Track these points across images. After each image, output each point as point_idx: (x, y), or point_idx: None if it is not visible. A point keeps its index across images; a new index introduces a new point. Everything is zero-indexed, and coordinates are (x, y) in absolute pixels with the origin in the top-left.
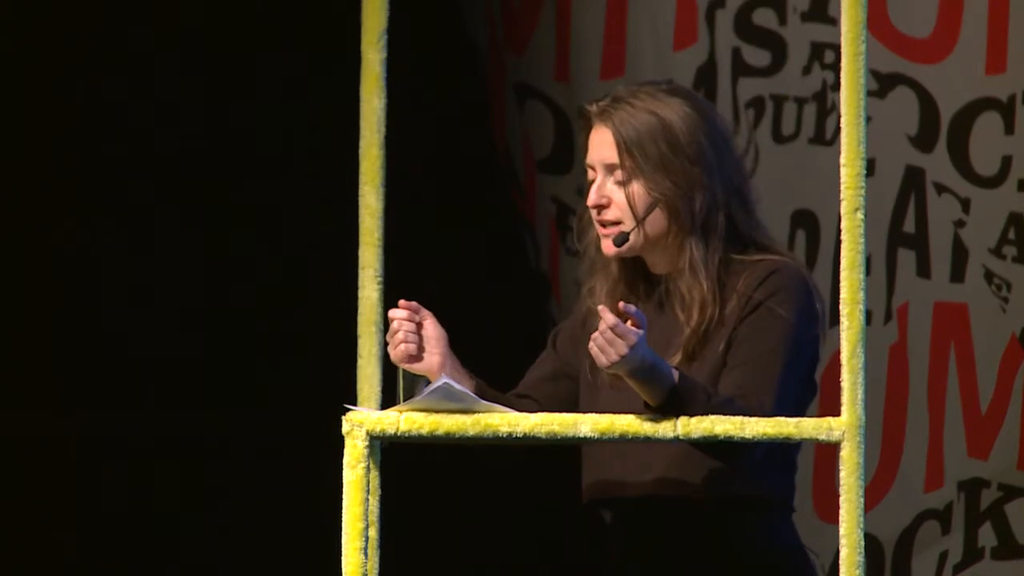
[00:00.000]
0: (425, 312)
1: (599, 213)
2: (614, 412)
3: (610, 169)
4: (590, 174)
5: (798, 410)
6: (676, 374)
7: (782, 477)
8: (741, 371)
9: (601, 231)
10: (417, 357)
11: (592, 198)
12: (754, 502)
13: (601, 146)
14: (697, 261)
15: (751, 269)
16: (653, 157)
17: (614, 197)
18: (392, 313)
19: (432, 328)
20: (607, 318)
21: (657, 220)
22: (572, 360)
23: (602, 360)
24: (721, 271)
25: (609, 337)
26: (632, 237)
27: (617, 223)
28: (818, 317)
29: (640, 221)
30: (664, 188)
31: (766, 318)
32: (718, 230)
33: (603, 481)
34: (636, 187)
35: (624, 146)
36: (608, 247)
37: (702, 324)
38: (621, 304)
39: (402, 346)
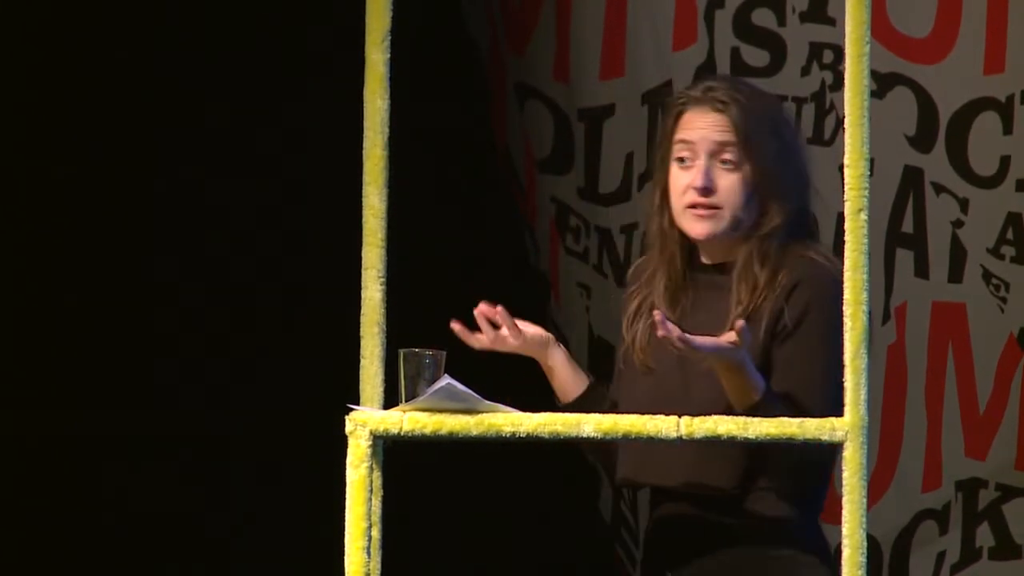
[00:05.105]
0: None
1: (703, 195)
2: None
3: (717, 152)
4: (681, 154)
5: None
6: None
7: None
8: (795, 385)
9: (694, 213)
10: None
11: (699, 180)
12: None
13: (710, 127)
14: (774, 250)
15: (796, 264)
16: (771, 143)
17: (719, 182)
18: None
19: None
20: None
21: (756, 207)
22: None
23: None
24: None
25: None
26: (742, 217)
27: (717, 208)
28: None
29: (747, 205)
30: (774, 174)
31: (811, 336)
32: (806, 224)
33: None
34: (747, 170)
35: (742, 129)
36: (702, 230)
37: (760, 302)
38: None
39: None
